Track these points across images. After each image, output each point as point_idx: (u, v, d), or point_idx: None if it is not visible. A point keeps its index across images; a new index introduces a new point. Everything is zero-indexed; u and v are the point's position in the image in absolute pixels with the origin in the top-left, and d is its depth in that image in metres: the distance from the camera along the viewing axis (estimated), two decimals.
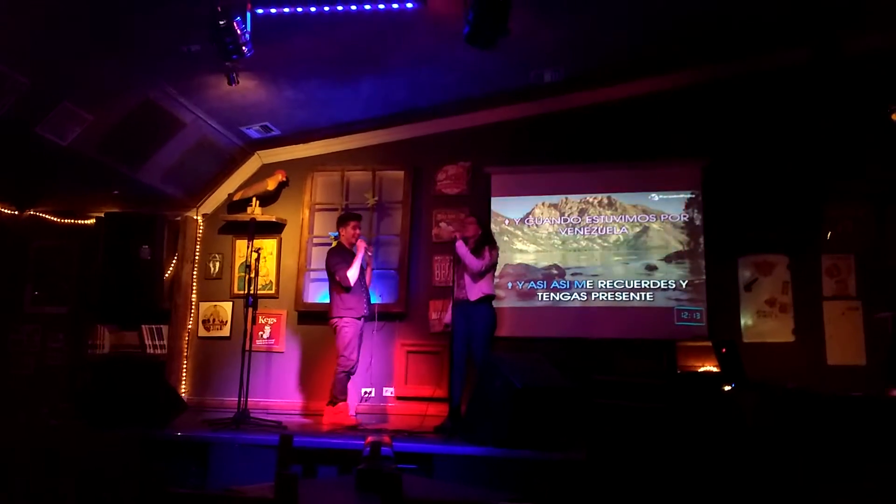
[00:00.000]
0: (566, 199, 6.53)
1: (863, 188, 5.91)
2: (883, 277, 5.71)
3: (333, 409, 5.51)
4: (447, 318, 5.52)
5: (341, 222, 5.88)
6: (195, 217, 7.10)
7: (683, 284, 6.11)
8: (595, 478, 4.08)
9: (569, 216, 6.51)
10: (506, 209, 6.57)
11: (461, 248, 5.37)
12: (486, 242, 5.51)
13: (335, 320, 5.60)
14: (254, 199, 6.86)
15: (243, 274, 6.41)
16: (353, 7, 4.65)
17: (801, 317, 5.92)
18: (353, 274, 5.56)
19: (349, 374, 5.54)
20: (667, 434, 4.35)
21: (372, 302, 5.88)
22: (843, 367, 5.71)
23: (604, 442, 4.37)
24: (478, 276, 5.36)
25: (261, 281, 6.44)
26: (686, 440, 4.27)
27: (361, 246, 5.65)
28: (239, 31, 4.40)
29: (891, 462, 3.67)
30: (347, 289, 5.57)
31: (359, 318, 5.60)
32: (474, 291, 5.37)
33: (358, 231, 5.78)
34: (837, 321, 5.77)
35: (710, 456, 4.14)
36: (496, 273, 6.20)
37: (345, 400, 5.52)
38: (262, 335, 6.73)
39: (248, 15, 4.50)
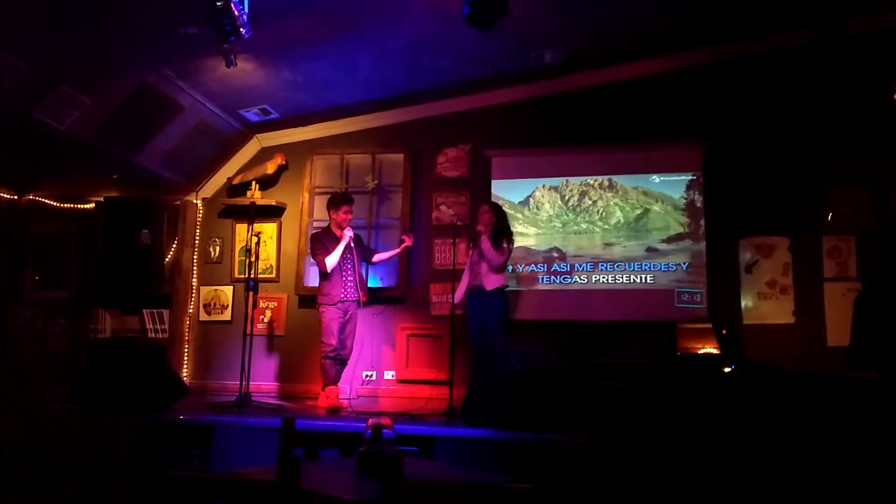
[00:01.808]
0: (567, 181, 6.51)
1: (864, 170, 5.89)
2: (884, 259, 5.70)
3: (323, 394, 5.55)
4: (458, 301, 5.58)
5: (332, 204, 5.74)
6: (195, 201, 7.08)
7: (684, 266, 6.11)
8: (595, 459, 4.10)
9: (569, 199, 6.49)
10: (506, 192, 6.55)
11: (485, 244, 5.42)
12: (503, 233, 5.51)
13: (318, 305, 5.62)
14: (253, 182, 6.84)
15: (244, 258, 6.41)
16: None
17: (801, 298, 5.93)
18: (331, 261, 5.48)
19: (330, 358, 5.49)
20: (667, 416, 4.37)
21: (369, 286, 5.85)
22: (844, 348, 5.67)
23: (604, 424, 4.39)
24: (498, 269, 5.43)
25: (261, 265, 6.44)
26: (686, 422, 4.29)
27: (346, 236, 5.52)
28: (237, 13, 4.35)
29: (888, 442, 3.69)
30: (325, 274, 5.55)
31: (335, 304, 5.51)
32: (491, 281, 5.45)
33: (349, 216, 5.63)
34: (838, 302, 5.77)
35: (709, 437, 4.16)
36: None
37: (331, 384, 5.50)
38: (263, 319, 6.75)
39: None
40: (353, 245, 5.60)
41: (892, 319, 3.64)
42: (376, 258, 5.92)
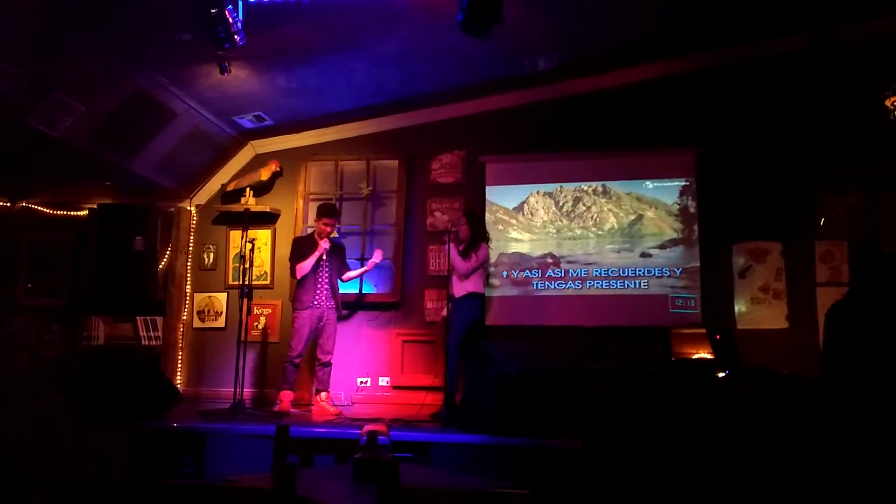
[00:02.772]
0: (561, 187, 6.52)
1: (856, 175, 5.92)
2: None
3: (278, 397, 5.64)
4: (444, 311, 5.69)
5: (316, 213, 5.89)
6: (189, 208, 7.07)
7: (678, 272, 6.13)
8: (590, 464, 4.10)
9: (563, 204, 6.51)
10: (501, 198, 6.56)
11: (452, 252, 5.56)
12: (476, 243, 5.61)
13: (293, 310, 5.78)
14: (247, 189, 6.83)
15: (238, 265, 6.40)
16: None
17: (794, 303, 5.95)
18: (302, 268, 5.62)
19: (293, 364, 5.60)
20: (661, 421, 4.37)
21: (364, 291, 5.90)
22: None
23: (599, 429, 4.39)
24: (464, 276, 5.54)
25: (255, 272, 6.44)
26: (681, 427, 4.29)
27: (321, 247, 5.64)
28: (231, 20, 4.36)
29: (881, 445, 3.71)
30: (299, 280, 5.68)
31: (306, 309, 5.61)
32: (459, 289, 5.60)
33: (327, 228, 5.71)
34: None
35: (704, 442, 4.17)
36: (492, 261, 6.23)
37: (286, 389, 5.60)
38: (257, 326, 6.73)
39: (240, 3, 4.46)
40: (325, 256, 5.70)
41: (861, 334, 3.70)
42: (346, 276, 5.95)
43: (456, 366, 5.44)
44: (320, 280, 5.69)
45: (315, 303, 5.65)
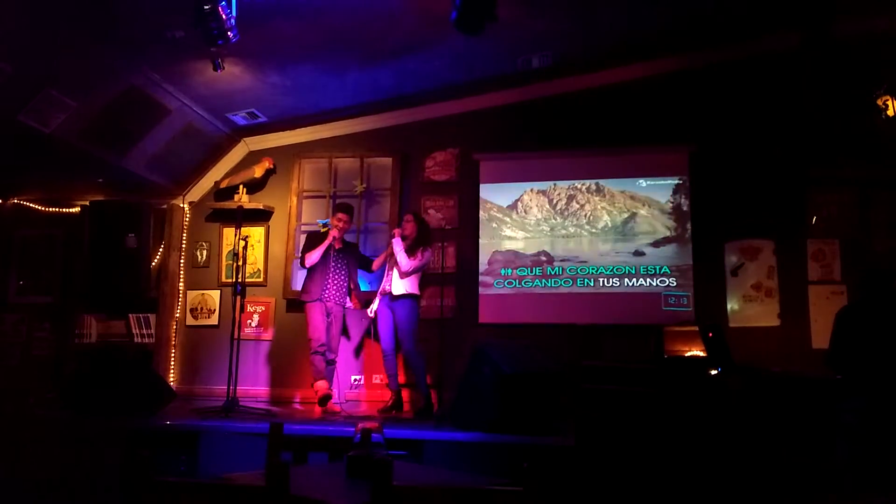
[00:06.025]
0: (555, 185, 6.53)
1: (848, 173, 5.95)
2: (867, 262, 5.76)
3: (313, 390, 5.62)
4: (375, 307, 5.71)
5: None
6: (182, 205, 7.04)
7: (670, 270, 6.15)
8: (584, 462, 4.12)
9: (557, 202, 6.52)
10: (494, 196, 6.57)
11: (397, 244, 5.54)
12: (421, 243, 5.61)
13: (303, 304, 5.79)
14: (241, 186, 6.81)
15: (231, 262, 6.38)
16: None
17: (786, 301, 5.97)
18: (310, 257, 5.65)
19: (319, 353, 5.56)
20: (654, 418, 4.39)
21: (362, 289, 5.92)
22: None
23: (592, 426, 4.41)
24: (405, 274, 5.52)
25: (249, 269, 6.42)
26: (673, 424, 4.32)
27: (330, 235, 5.67)
28: (224, 16, 4.34)
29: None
30: (308, 271, 5.71)
31: (314, 302, 5.60)
32: (398, 287, 5.55)
33: (339, 223, 5.74)
34: (822, 305, 5.82)
35: (697, 439, 4.19)
36: (486, 259, 6.24)
37: (320, 378, 5.54)
38: (250, 323, 6.72)
39: None
40: (338, 254, 5.71)
41: (866, 335, 3.98)
42: (374, 264, 5.96)
43: (422, 364, 5.48)
44: (330, 274, 5.67)
45: (324, 296, 5.62)
